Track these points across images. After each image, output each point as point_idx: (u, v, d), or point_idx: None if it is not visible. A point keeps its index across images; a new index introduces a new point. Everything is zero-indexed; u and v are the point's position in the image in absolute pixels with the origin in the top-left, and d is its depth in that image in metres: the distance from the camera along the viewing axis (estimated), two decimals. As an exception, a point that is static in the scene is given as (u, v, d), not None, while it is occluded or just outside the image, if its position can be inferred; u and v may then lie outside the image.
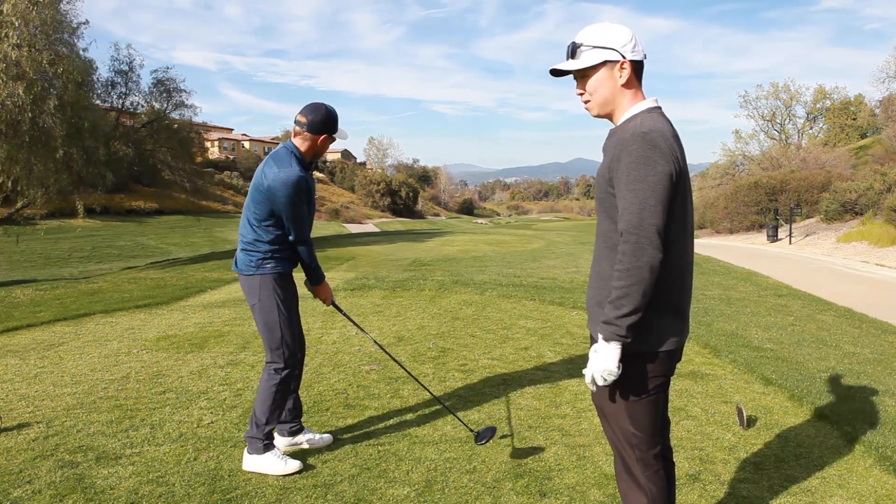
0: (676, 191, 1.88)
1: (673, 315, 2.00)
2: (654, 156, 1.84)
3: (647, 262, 1.83)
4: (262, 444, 3.17)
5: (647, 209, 1.83)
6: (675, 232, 1.93)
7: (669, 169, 1.85)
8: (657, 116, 1.95)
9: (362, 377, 4.79)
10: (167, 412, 4.04)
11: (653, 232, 1.83)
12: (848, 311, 8.60)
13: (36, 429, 3.77)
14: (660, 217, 1.84)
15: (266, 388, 3.25)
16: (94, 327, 6.67)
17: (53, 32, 16.80)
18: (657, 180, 1.84)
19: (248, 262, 3.24)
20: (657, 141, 1.86)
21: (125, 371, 4.96)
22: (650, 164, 1.84)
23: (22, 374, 4.94)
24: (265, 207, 3.14)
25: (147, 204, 40.77)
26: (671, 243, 1.91)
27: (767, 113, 50.44)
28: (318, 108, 3.22)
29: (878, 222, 19.60)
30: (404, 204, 75.93)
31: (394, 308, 7.57)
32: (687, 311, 2.08)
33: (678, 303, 2.01)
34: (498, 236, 24.70)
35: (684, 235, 1.97)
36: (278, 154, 3.19)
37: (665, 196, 1.84)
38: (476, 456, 3.40)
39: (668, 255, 1.88)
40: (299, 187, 3.09)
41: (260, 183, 3.15)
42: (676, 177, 1.87)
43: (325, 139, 3.25)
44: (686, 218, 1.97)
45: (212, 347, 5.70)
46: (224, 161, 65.61)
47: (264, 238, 3.20)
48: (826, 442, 3.64)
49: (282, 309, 3.26)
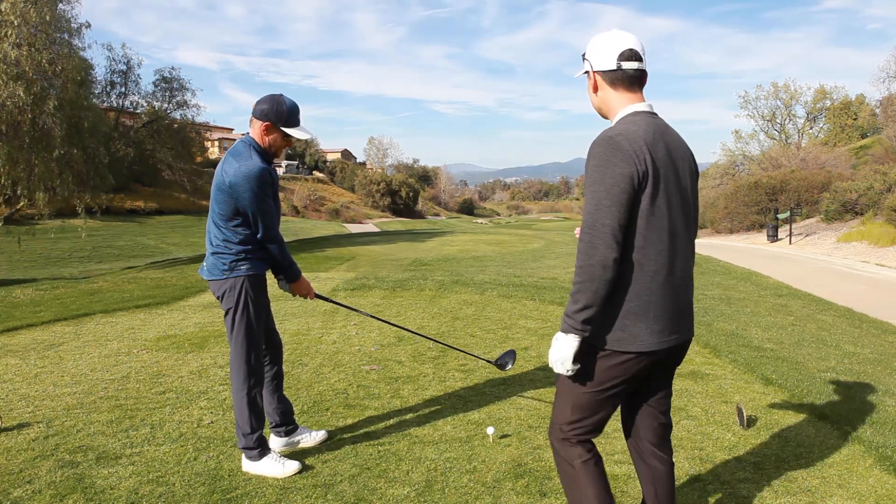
0: (642, 191, 1.93)
1: (645, 317, 2.00)
2: (614, 158, 1.90)
3: (598, 260, 1.90)
4: (256, 451, 3.14)
5: (601, 210, 1.90)
6: (648, 233, 1.96)
7: (630, 171, 1.90)
8: (639, 120, 2.01)
9: (362, 377, 4.79)
10: (167, 412, 4.04)
11: (605, 232, 1.89)
12: (848, 311, 8.60)
13: (36, 429, 3.77)
14: (613, 217, 1.89)
15: (239, 398, 3.15)
16: (95, 327, 6.67)
17: (52, 31, 16.81)
18: (614, 182, 1.90)
19: (219, 265, 3.07)
20: (620, 143, 1.92)
21: (125, 371, 4.96)
22: (609, 166, 1.91)
23: (22, 373, 4.94)
24: (229, 206, 2.98)
25: (147, 204, 40.76)
26: (643, 245, 1.97)
27: (767, 113, 50.49)
28: (271, 97, 3.07)
29: (878, 222, 19.60)
30: (404, 204, 75.94)
31: (394, 308, 7.57)
32: (673, 315, 2.06)
33: (654, 305, 2.01)
34: (498, 236, 24.70)
35: (663, 236, 1.99)
36: (236, 149, 3.04)
37: (622, 197, 1.90)
38: (476, 456, 3.40)
39: (639, 255, 1.97)
40: (263, 180, 2.94)
41: (221, 181, 2.98)
42: (642, 178, 1.91)
43: (270, 128, 3.04)
44: (666, 219, 1.98)
45: (212, 347, 5.69)
46: (224, 161, 65.45)
47: (234, 239, 3.04)
48: (826, 442, 3.64)
49: (253, 314, 3.13)
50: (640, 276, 1.98)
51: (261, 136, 3.08)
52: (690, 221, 2.12)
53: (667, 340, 2.05)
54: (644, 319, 2.00)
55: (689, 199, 2.10)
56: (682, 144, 2.11)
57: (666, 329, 2.04)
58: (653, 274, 1.99)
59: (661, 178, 1.95)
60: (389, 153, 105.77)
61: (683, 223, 2.06)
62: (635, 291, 1.99)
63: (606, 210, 1.90)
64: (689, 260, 2.13)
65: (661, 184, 1.95)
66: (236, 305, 3.10)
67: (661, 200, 1.96)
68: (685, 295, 2.12)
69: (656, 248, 1.98)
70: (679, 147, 2.08)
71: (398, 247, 18.87)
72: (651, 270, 1.98)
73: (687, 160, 2.11)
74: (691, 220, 2.12)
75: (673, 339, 2.06)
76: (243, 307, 3.10)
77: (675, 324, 2.07)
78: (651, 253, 1.98)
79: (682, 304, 2.09)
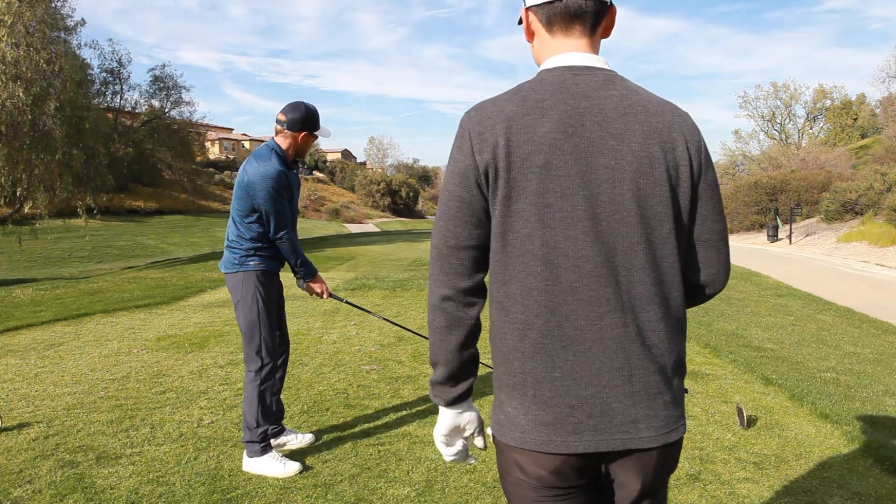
0: (491, 196, 1.25)
1: (521, 395, 1.25)
2: (456, 145, 1.30)
3: (431, 301, 1.32)
4: (258, 446, 3.17)
5: (436, 226, 1.31)
6: (508, 260, 1.25)
7: (464, 165, 1.26)
8: (540, 82, 1.30)
9: (363, 377, 4.79)
10: (167, 412, 4.04)
11: (433, 256, 1.31)
12: (848, 311, 8.61)
13: (36, 428, 3.77)
14: (440, 235, 1.29)
15: (250, 390, 3.23)
16: (95, 327, 6.67)
17: (49, 30, 16.81)
18: (445, 184, 1.31)
19: (231, 259, 3.25)
20: (466, 123, 1.29)
21: (125, 371, 4.96)
22: (449, 159, 1.31)
23: (22, 373, 4.94)
24: (247, 203, 3.16)
25: (147, 204, 40.76)
26: (503, 279, 1.25)
27: (767, 113, 50.49)
28: (297, 107, 3.25)
29: (878, 222, 19.61)
30: (404, 204, 75.95)
31: (394, 308, 7.57)
32: (580, 401, 1.22)
33: (532, 377, 1.23)
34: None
35: (533, 266, 1.22)
36: (260, 151, 3.23)
37: (454, 206, 1.27)
38: (475, 456, 3.40)
39: (500, 295, 1.27)
40: (279, 181, 3.12)
41: (241, 179, 3.18)
42: (485, 175, 1.24)
43: (306, 136, 3.28)
44: (538, 239, 1.22)
45: (212, 347, 5.70)
46: (224, 161, 65.64)
47: (246, 235, 3.20)
48: (826, 442, 3.64)
49: (262, 307, 3.24)
50: (506, 326, 1.26)
51: (292, 144, 3.26)
52: (651, 240, 1.25)
53: (567, 442, 1.22)
54: (520, 397, 1.25)
55: (637, 199, 1.24)
56: (627, 112, 1.26)
57: (562, 423, 1.22)
58: (522, 326, 1.23)
59: (529, 170, 1.21)
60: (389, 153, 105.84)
61: (622, 243, 1.23)
62: (503, 352, 1.28)
63: (435, 224, 1.31)
64: (636, 305, 1.24)
65: (530, 181, 1.21)
66: (243, 299, 3.21)
67: (527, 209, 1.22)
68: (618, 368, 1.23)
69: (523, 285, 1.23)
70: (620, 117, 1.25)
71: (398, 247, 18.88)
72: (519, 320, 1.24)
73: (640, 135, 1.25)
74: (655, 239, 1.26)
75: (585, 442, 1.22)
76: (251, 301, 3.20)
77: (589, 416, 1.23)
78: (515, 291, 1.24)
79: (605, 381, 1.23)
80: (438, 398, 1.37)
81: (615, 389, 1.23)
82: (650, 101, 1.30)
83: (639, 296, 1.24)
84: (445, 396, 1.36)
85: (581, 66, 1.30)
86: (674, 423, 1.28)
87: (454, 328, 1.30)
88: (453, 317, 1.29)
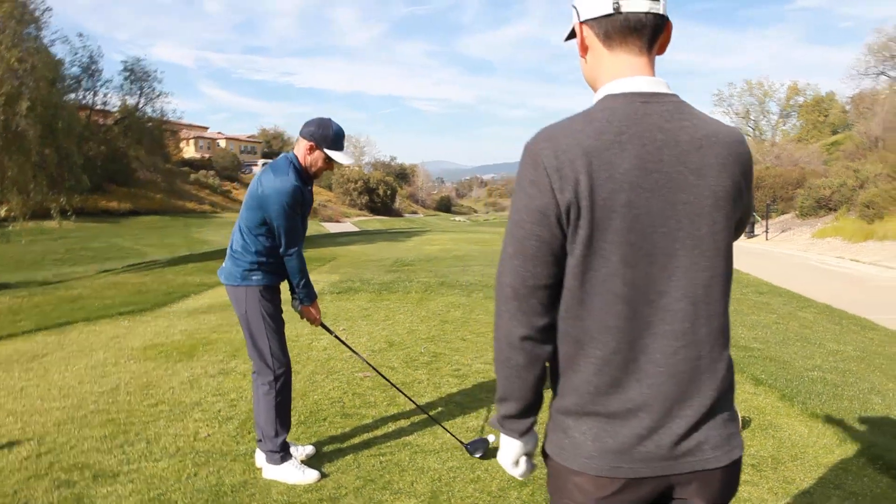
0: (571, 234, 1.22)
1: (594, 419, 1.28)
2: (526, 180, 1.25)
3: (502, 335, 1.30)
4: (278, 455, 3.20)
5: (504, 260, 1.29)
6: (586, 297, 1.25)
7: (543, 203, 1.22)
8: (610, 110, 1.26)
9: (356, 384, 4.77)
10: (162, 425, 3.98)
11: (507, 294, 1.27)
12: (827, 308, 8.77)
13: (27, 446, 3.69)
14: (517, 273, 1.26)
15: (265, 402, 3.25)
16: (78, 336, 6.55)
17: (18, 25, 16.40)
18: (519, 220, 1.26)
19: (234, 272, 3.20)
20: (540, 154, 1.23)
21: (114, 382, 4.87)
22: (518, 193, 1.27)
23: (7, 387, 4.83)
24: (258, 215, 3.11)
25: (122, 204, 40.07)
26: (578, 315, 1.26)
27: (742, 110, 51.18)
28: (318, 119, 3.20)
29: (851, 218, 20.01)
30: (382, 202, 75.64)
31: (382, 312, 7.54)
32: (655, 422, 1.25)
33: (606, 405, 1.27)
34: (478, 234, 24.76)
35: (613, 303, 1.24)
36: (277, 164, 3.17)
37: (533, 245, 1.24)
38: (479, 465, 3.40)
39: (576, 331, 1.27)
40: (293, 197, 3.06)
41: (255, 190, 3.13)
42: (567, 214, 1.21)
43: (315, 150, 3.16)
44: (619, 277, 1.23)
45: (201, 356, 5.62)
46: (200, 160, 64.79)
47: (252, 247, 3.16)
48: (819, 442, 3.71)
49: (269, 321, 3.24)
50: (580, 360, 1.28)
51: (304, 154, 3.18)
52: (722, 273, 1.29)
53: (635, 468, 1.26)
54: (589, 426, 1.28)
55: (713, 233, 1.26)
56: (702, 144, 1.26)
57: (630, 452, 1.26)
58: (598, 361, 1.26)
59: (613, 209, 1.21)
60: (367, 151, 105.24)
61: (700, 277, 1.26)
62: (574, 383, 1.29)
63: (508, 262, 1.27)
64: (708, 337, 1.28)
65: (613, 219, 1.21)
66: (249, 314, 3.20)
67: (608, 247, 1.22)
68: (685, 396, 1.27)
69: (602, 322, 1.25)
70: (696, 150, 1.25)
71: (378, 247, 18.80)
72: (596, 355, 1.26)
73: (716, 168, 1.25)
74: (725, 271, 1.29)
75: (652, 468, 1.26)
76: (257, 316, 3.19)
77: (658, 446, 1.26)
78: (593, 328, 1.26)
79: (674, 411, 1.27)
80: (512, 431, 1.38)
81: (684, 419, 1.26)
82: (718, 130, 1.29)
83: (711, 328, 1.28)
84: (519, 429, 1.38)
85: (649, 92, 1.27)
86: (734, 441, 1.32)
87: (533, 366, 1.31)
88: (533, 355, 1.30)
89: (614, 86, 1.29)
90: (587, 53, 1.35)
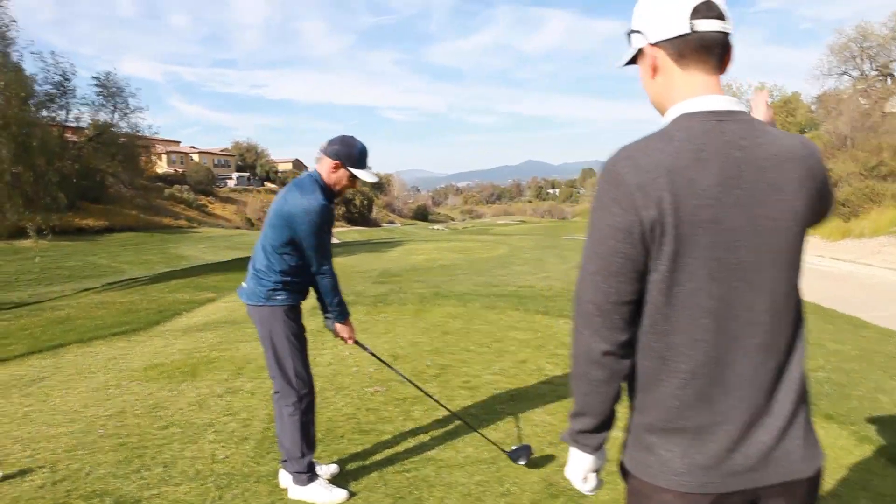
0: (656, 250, 1.24)
1: (681, 435, 1.30)
2: (608, 198, 1.26)
3: (582, 351, 1.33)
4: (305, 476, 3.17)
5: (585, 277, 1.31)
6: (671, 312, 1.27)
7: (628, 220, 1.23)
8: (686, 129, 1.28)
9: (368, 400, 4.73)
10: (176, 448, 3.91)
11: (589, 311, 1.30)
12: (818, 307, 8.92)
13: (40, 474, 3.59)
14: (600, 290, 1.28)
15: (290, 422, 3.21)
16: (74, 359, 6.40)
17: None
18: (603, 237, 1.28)
19: (258, 291, 3.16)
20: (622, 174, 1.25)
21: (120, 405, 4.77)
22: (599, 212, 1.29)
23: (8, 413, 4.70)
24: (283, 234, 3.06)
25: (98, 221, 39.35)
26: (664, 330, 1.28)
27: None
28: (341, 137, 3.17)
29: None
30: (359, 212, 75.38)
31: (380, 325, 7.50)
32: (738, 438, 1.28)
33: (694, 420, 1.29)
34: (460, 243, 24.78)
35: (700, 317, 1.26)
36: (302, 181, 3.14)
37: (617, 262, 1.26)
38: (506, 478, 3.39)
39: (660, 345, 1.29)
40: (322, 216, 3.03)
41: (280, 208, 3.08)
42: (651, 231, 1.23)
43: (340, 168, 3.13)
44: (704, 292, 1.25)
45: (204, 375, 5.53)
46: (173, 175, 63.98)
47: (277, 267, 3.12)
48: (837, 443, 3.76)
49: (293, 341, 3.21)
50: (665, 375, 1.30)
51: (328, 173, 3.14)
52: (798, 285, 1.34)
53: (725, 482, 1.28)
54: (677, 442, 1.30)
55: (790, 248, 1.30)
56: (779, 161, 1.28)
57: (720, 466, 1.28)
58: (685, 375, 1.28)
59: (698, 225, 1.22)
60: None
61: (781, 289, 1.29)
62: (658, 399, 1.31)
63: (590, 280, 1.30)
64: (790, 348, 1.32)
65: (698, 235, 1.23)
66: (273, 334, 3.15)
67: (693, 262, 1.24)
68: (768, 406, 1.30)
69: (689, 336, 1.27)
70: (773, 166, 1.27)
71: (362, 258, 18.71)
72: (682, 369, 1.28)
73: (794, 184, 1.28)
74: (793, 276, 1.32)
75: (742, 480, 1.28)
76: (282, 337, 3.15)
77: (746, 458, 1.28)
78: (680, 342, 1.27)
79: (758, 422, 1.29)
80: (586, 446, 1.42)
81: (770, 430, 1.29)
82: (793, 145, 1.31)
83: (789, 339, 1.32)
84: (593, 444, 1.42)
85: (724, 110, 1.29)
86: (816, 449, 1.35)
87: (612, 381, 1.35)
88: (613, 370, 1.33)
89: (689, 105, 1.31)
90: (657, 74, 1.37)
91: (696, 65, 1.32)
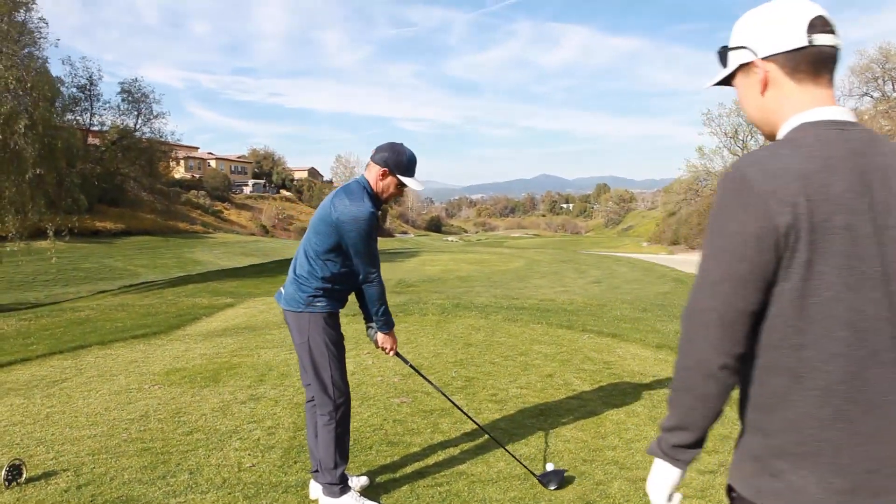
0: (788, 258, 1.19)
1: (814, 462, 1.21)
2: (736, 205, 1.22)
3: (694, 363, 1.28)
4: (338, 487, 3.09)
5: (705, 285, 1.26)
6: (805, 325, 1.20)
7: (758, 227, 1.18)
8: (807, 137, 1.25)
9: (395, 411, 4.64)
10: (201, 455, 3.84)
11: (709, 321, 1.25)
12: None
13: (65, 477, 3.53)
14: (725, 299, 1.23)
15: (325, 432, 3.14)
16: (95, 361, 6.37)
17: (15, 46, 16.30)
18: (729, 244, 1.22)
19: (298, 297, 3.10)
20: (751, 181, 1.20)
21: (142, 409, 4.71)
22: (724, 218, 1.24)
23: (31, 414, 4.65)
24: (329, 240, 3.01)
25: (115, 225, 39.68)
26: (798, 343, 1.20)
27: (730, 130, 51.77)
28: (390, 144, 3.12)
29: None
30: (373, 222, 75.69)
31: (402, 334, 7.40)
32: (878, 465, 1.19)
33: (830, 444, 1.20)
34: (475, 255, 24.70)
35: (837, 329, 1.19)
36: (350, 188, 3.07)
37: (745, 269, 1.21)
38: (541, 494, 3.29)
39: (791, 361, 1.22)
40: (370, 223, 2.97)
41: (327, 215, 3.01)
42: (785, 237, 1.18)
43: (388, 175, 3.07)
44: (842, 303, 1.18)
45: (226, 381, 5.47)
46: (190, 180, 64.52)
47: (319, 273, 3.06)
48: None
49: (331, 349, 3.14)
50: (797, 394, 1.21)
51: (376, 180, 3.09)
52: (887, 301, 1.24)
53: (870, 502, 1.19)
54: (812, 466, 1.21)
55: None
56: None
57: (862, 488, 1.19)
58: (821, 393, 1.19)
59: (832, 232, 1.17)
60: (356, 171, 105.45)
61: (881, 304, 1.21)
62: (790, 419, 1.22)
63: (711, 287, 1.24)
64: None
65: (832, 243, 1.17)
66: (311, 341, 3.09)
67: (828, 270, 1.18)
68: None
69: (825, 350, 1.19)
70: (894, 176, 1.24)
71: (380, 267, 18.68)
72: (818, 386, 1.19)
73: None
74: None
75: (887, 501, 1.20)
76: (321, 344, 3.10)
77: (887, 477, 1.20)
78: (815, 357, 1.19)
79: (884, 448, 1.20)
80: (680, 462, 1.36)
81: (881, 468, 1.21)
82: None
83: None
84: (687, 458, 1.36)
85: (843, 121, 1.27)
86: None
87: (722, 396, 1.29)
88: (726, 385, 1.28)
89: (809, 115, 1.29)
90: (768, 89, 1.34)
91: (811, 78, 1.30)
